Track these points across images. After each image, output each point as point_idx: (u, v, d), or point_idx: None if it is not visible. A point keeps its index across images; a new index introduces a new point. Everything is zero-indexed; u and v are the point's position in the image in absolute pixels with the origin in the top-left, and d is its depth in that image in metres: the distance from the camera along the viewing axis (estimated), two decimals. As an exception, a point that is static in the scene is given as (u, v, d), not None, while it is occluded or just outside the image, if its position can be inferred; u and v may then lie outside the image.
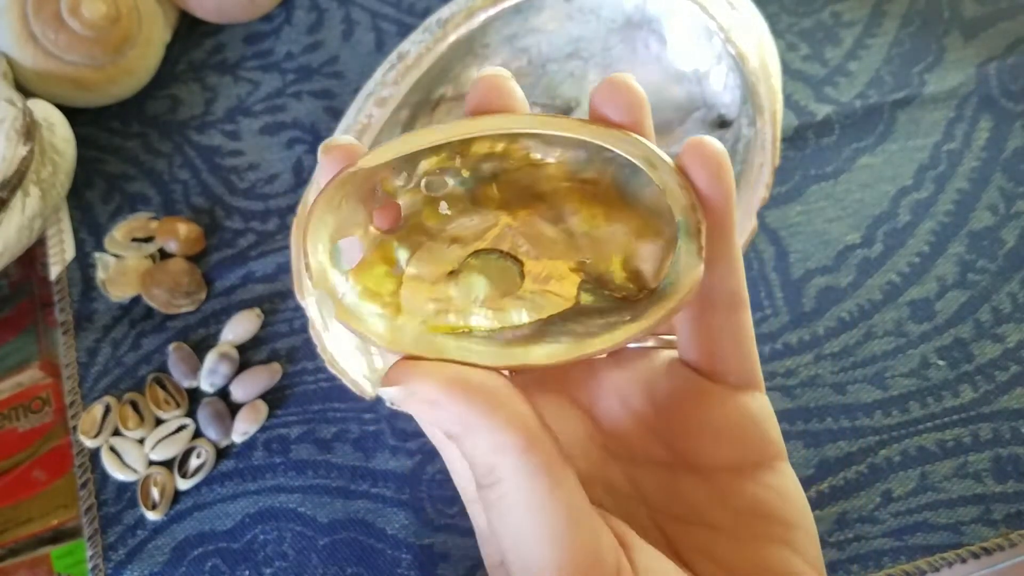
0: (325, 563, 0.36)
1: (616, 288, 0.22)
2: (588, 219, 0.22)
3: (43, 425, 0.39)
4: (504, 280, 0.22)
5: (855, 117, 0.44)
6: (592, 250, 0.22)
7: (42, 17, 0.42)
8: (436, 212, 0.21)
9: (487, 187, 0.22)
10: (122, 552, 0.37)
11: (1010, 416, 0.38)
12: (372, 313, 0.20)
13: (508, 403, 0.18)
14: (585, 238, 0.22)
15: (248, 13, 0.47)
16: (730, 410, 0.21)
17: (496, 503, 0.18)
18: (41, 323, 0.42)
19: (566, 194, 0.22)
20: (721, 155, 0.19)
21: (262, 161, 0.45)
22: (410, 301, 0.21)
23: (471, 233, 0.22)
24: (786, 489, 0.21)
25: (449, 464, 0.21)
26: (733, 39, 0.36)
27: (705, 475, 0.21)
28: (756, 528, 0.21)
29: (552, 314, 0.22)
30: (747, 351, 0.22)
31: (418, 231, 0.22)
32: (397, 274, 0.21)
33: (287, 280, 0.41)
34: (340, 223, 0.20)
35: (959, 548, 0.35)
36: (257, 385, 0.39)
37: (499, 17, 0.38)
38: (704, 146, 0.19)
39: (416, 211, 0.21)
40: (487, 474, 0.18)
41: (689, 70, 0.40)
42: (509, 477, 0.18)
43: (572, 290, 0.22)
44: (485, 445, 0.18)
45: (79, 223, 0.43)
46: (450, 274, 0.22)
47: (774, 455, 0.22)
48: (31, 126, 0.39)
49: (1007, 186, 0.42)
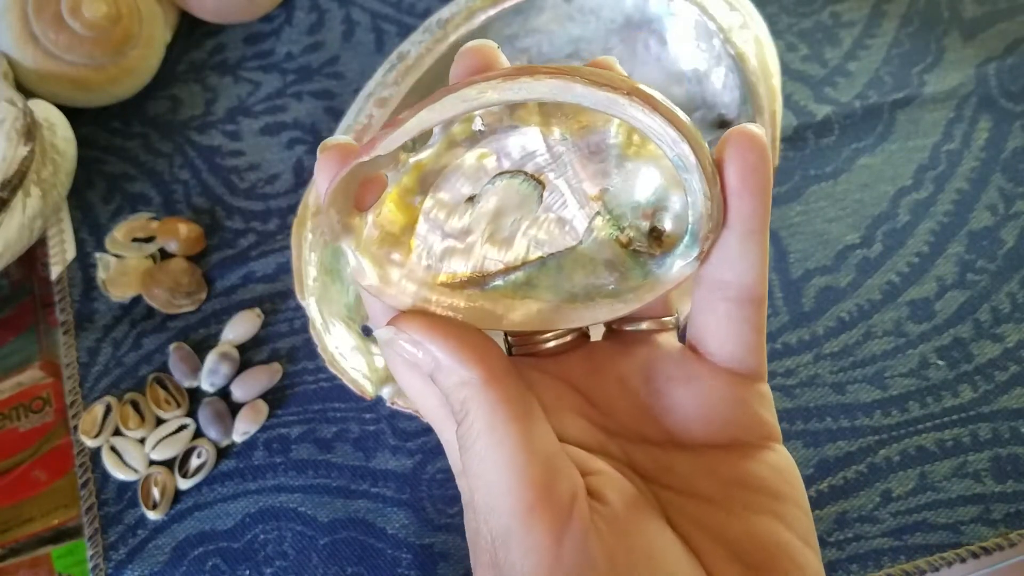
0: (325, 563, 0.36)
1: (630, 225, 0.22)
2: (626, 143, 0.21)
3: (44, 425, 0.40)
4: (521, 207, 0.22)
5: (854, 117, 0.44)
6: (620, 177, 0.22)
7: (43, 18, 0.42)
8: (470, 127, 0.21)
9: None
10: (123, 551, 0.37)
11: (1009, 416, 0.38)
12: (385, 260, 0.22)
13: (476, 343, 0.20)
14: (617, 161, 0.22)
15: (248, 13, 0.47)
16: (724, 395, 0.22)
17: (465, 437, 0.20)
18: (42, 323, 0.42)
19: (607, 117, 0.21)
20: (764, 154, 0.19)
21: (262, 161, 0.45)
22: (422, 239, 0.22)
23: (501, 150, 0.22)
24: (779, 464, 0.22)
25: (444, 440, 0.23)
26: (733, 39, 0.36)
27: (696, 452, 0.22)
28: (748, 500, 0.21)
29: (551, 253, 0.22)
30: (755, 344, 0.22)
31: (446, 152, 0.22)
32: (416, 204, 0.22)
33: (287, 280, 0.42)
34: None
35: (958, 548, 0.35)
36: (257, 385, 0.39)
37: (499, 18, 0.38)
38: (746, 140, 0.20)
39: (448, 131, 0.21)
40: (459, 409, 0.20)
41: (689, 70, 0.40)
42: (473, 409, 0.20)
43: (584, 222, 0.22)
44: (455, 379, 0.20)
45: (80, 223, 0.43)
46: (468, 200, 0.22)
47: (768, 436, 0.22)
48: (32, 126, 0.39)
49: (1006, 186, 0.42)
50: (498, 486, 0.19)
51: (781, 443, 0.23)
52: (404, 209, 0.22)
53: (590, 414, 0.23)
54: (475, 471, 0.20)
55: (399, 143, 0.20)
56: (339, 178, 0.20)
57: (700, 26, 0.38)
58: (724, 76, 0.39)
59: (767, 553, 0.20)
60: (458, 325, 0.21)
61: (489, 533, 0.20)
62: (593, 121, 0.21)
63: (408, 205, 0.22)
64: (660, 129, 0.19)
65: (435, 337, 0.20)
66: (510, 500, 0.19)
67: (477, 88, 0.19)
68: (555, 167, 0.22)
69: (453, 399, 0.20)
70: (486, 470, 0.19)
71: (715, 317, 0.22)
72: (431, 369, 0.21)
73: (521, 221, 0.22)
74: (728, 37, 0.36)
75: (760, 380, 0.23)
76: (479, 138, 0.21)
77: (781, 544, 0.21)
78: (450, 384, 0.20)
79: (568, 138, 0.22)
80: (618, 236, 0.22)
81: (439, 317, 0.21)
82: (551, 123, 0.21)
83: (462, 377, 0.20)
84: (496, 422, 0.19)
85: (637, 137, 0.21)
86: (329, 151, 0.21)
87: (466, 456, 0.20)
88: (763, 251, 0.21)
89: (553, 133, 0.22)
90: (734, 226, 0.20)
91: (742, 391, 0.22)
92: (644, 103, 0.19)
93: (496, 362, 0.20)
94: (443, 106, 0.19)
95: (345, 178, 0.20)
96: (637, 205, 0.22)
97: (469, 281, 0.22)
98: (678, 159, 0.19)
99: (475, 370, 0.20)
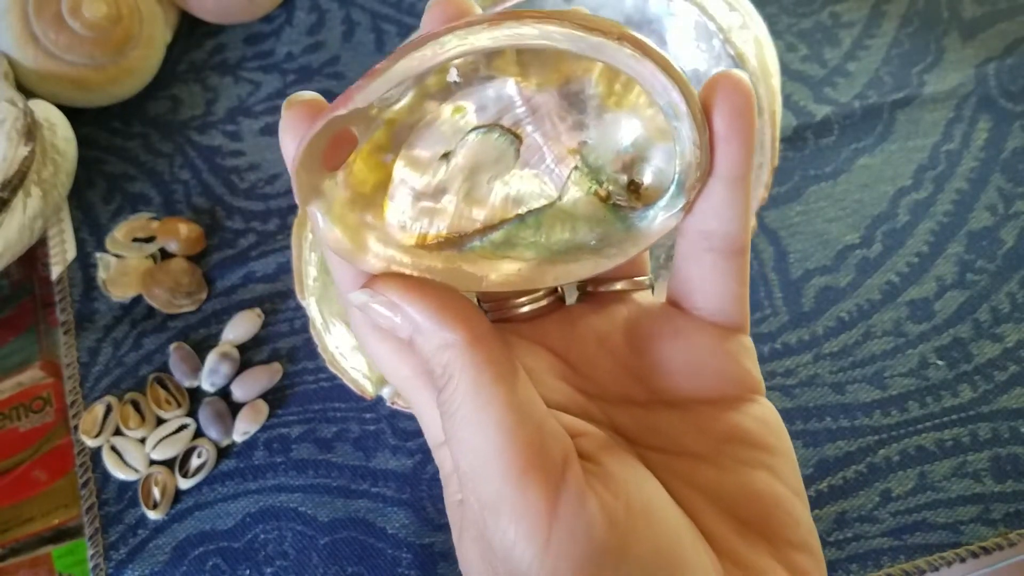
0: (326, 562, 0.36)
1: (608, 179, 0.21)
2: (606, 93, 0.21)
3: (44, 425, 0.40)
4: (498, 162, 0.21)
5: (854, 117, 0.44)
6: (599, 130, 0.21)
7: (43, 18, 0.42)
8: (444, 79, 0.20)
9: (506, 51, 0.20)
10: (123, 551, 0.37)
11: (1009, 416, 0.38)
12: (357, 222, 0.20)
13: (456, 305, 0.20)
14: (596, 113, 0.21)
15: (249, 14, 0.47)
16: (711, 348, 0.22)
17: (448, 403, 0.19)
18: (42, 323, 0.42)
19: (587, 67, 0.21)
20: (748, 98, 0.19)
21: (263, 161, 0.45)
22: (395, 199, 0.21)
23: (476, 102, 0.21)
24: (765, 417, 0.22)
25: (418, 412, 0.22)
26: (732, 40, 0.36)
27: (682, 408, 0.22)
28: (738, 454, 0.21)
29: (530, 210, 0.22)
30: (740, 295, 0.22)
31: (419, 107, 0.20)
32: (388, 162, 0.21)
33: (288, 280, 0.42)
34: None
35: (958, 547, 0.36)
36: (258, 385, 0.39)
37: (499, 18, 0.38)
38: (731, 84, 0.19)
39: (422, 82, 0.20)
40: (441, 375, 0.19)
41: (689, 70, 0.40)
42: (457, 373, 0.19)
43: (562, 177, 0.22)
44: (436, 342, 0.19)
45: (80, 223, 0.43)
46: (443, 157, 0.21)
47: (752, 388, 0.22)
48: (32, 126, 0.39)
49: (1006, 186, 0.42)
50: (486, 450, 0.18)
51: (764, 395, 0.22)
52: (375, 168, 0.21)
53: (570, 377, 0.22)
54: (460, 436, 0.19)
55: (379, 94, 0.18)
56: (311, 134, 0.18)
57: (700, 26, 0.38)
58: (724, 76, 0.39)
59: (762, 507, 0.20)
60: (437, 286, 0.20)
61: (477, 501, 0.19)
62: (573, 71, 0.21)
63: (380, 163, 0.21)
64: (650, 75, 0.18)
65: (414, 299, 0.19)
66: (501, 464, 0.18)
67: (458, 34, 0.18)
68: (532, 120, 0.21)
69: (435, 363, 0.19)
70: (472, 434, 0.19)
71: (700, 269, 0.21)
72: (409, 333, 0.20)
73: (498, 177, 0.21)
74: (728, 37, 0.36)
75: (744, 332, 0.22)
76: (454, 90, 0.20)
77: (775, 497, 0.20)
78: (431, 347, 0.19)
79: (546, 89, 0.21)
80: (597, 190, 0.22)
81: (416, 278, 0.20)
82: (529, 73, 0.21)
83: (444, 339, 0.19)
84: (482, 383, 0.19)
85: (618, 86, 0.21)
86: (296, 107, 0.19)
87: (450, 422, 0.19)
88: (748, 199, 0.20)
89: (531, 84, 0.21)
90: (721, 173, 0.20)
91: (729, 343, 0.22)
92: (635, 47, 0.18)
93: (479, 323, 0.19)
94: (424, 54, 0.18)
95: (316, 135, 0.19)
96: (616, 158, 0.21)
97: (446, 242, 0.21)
98: (668, 106, 0.19)
99: (458, 331, 0.19)
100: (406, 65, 0.18)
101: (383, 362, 0.22)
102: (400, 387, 0.22)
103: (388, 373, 0.22)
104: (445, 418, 0.19)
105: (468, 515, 0.20)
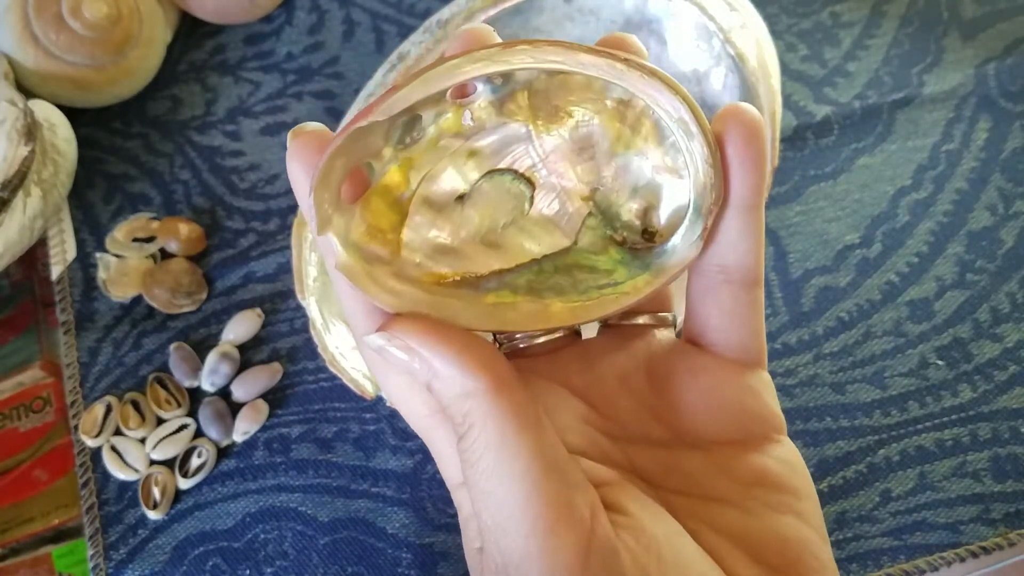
0: (326, 562, 0.36)
1: (622, 226, 0.22)
2: (614, 138, 0.21)
3: (44, 425, 0.40)
4: (512, 208, 0.22)
5: (854, 118, 0.44)
6: (609, 173, 0.21)
7: (43, 18, 0.42)
8: (459, 122, 0.21)
9: (518, 95, 0.21)
10: (123, 551, 0.37)
11: (1009, 416, 0.38)
12: (372, 257, 0.20)
13: (477, 350, 0.19)
14: (606, 158, 0.21)
15: (249, 14, 0.47)
16: (733, 385, 0.21)
17: (470, 452, 0.18)
18: (42, 323, 0.42)
19: (596, 110, 0.21)
20: (759, 127, 0.19)
21: (263, 161, 0.45)
22: (411, 237, 0.21)
23: (490, 147, 0.21)
24: (790, 459, 0.21)
25: (434, 450, 0.21)
26: (732, 40, 0.36)
27: (706, 450, 0.21)
28: (765, 498, 0.20)
29: (547, 255, 0.22)
30: (756, 328, 0.22)
31: (434, 148, 0.21)
32: (404, 200, 0.21)
33: (288, 280, 0.42)
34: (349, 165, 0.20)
35: (958, 547, 0.36)
36: (258, 385, 0.39)
37: (499, 18, 0.38)
38: (742, 114, 0.19)
39: (437, 123, 0.20)
40: (461, 423, 0.19)
41: (689, 70, 0.40)
42: (479, 422, 0.18)
43: (577, 223, 0.22)
44: (456, 389, 0.18)
45: (80, 223, 0.43)
46: (458, 199, 0.21)
47: (776, 427, 0.22)
48: (32, 126, 0.39)
49: (1006, 186, 0.42)
50: (511, 504, 0.18)
51: (787, 434, 0.22)
52: (392, 205, 0.21)
53: (591, 418, 0.21)
54: (482, 488, 0.18)
55: (398, 109, 0.19)
56: (329, 153, 0.19)
57: (700, 26, 0.38)
58: (724, 76, 0.39)
59: (791, 553, 0.20)
60: (456, 330, 0.19)
61: (500, 555, 0.18)
62: (582, 116, 0.21)
63: (396, 201, 0.21)
64: (660, 95, 0.19)
65: (433, 344, 0.19)
66: (527, 520, 0.17)
67: (474, 57, 0.18)
68: (545, 165, 0.21)
69: (454, 411, 0.19)
70: (495, 486, 0.18)
71: (718, 304, 0.21)
72: (428, 378, 0.19)
73: (513, 221, 0.22)
74: (728, 37, 0.36)
75: (763, 367, 0.22)
76: (468, 133, 0.21)
77: (804, 542, 0.20)
78: (451, 394, 0.19)
79: (557, 133, 0.21)
80: (612, 235, 0.22)
81: (435, 321, 0.20)
82: (539, 118, 0.21)
83: (465, 387, 0.18)
84: (506, 434, 0.18)
85: (626, 129, 0.21)
86: (302, 136, 0.19)
87: (471, 471, 0.18)
88: (762, 228, 0.20)
89: (542, 129, 0.21)
90: (735, 202, 0.20)
91: (749, 380, 0.21)
92: (642, 70, 0.19)
93: (501, 368, 0.19)
94: (440, 74, 0.18)
95: (330, 160, 0.19)
96: (628, 201, 0.22)
97: (462, 282, 0.21)
98: (679, 125, 0.19)
99: (480, 378, 0.18)
100: (423, 86, 0.18)
101: (398, 399, 0.21)
102: (415, 425, 0.21)
103: (403, 410, 0.21)
104: (466, 466, 0.19)
105: (488, 565, 0.19)
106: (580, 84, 0.21)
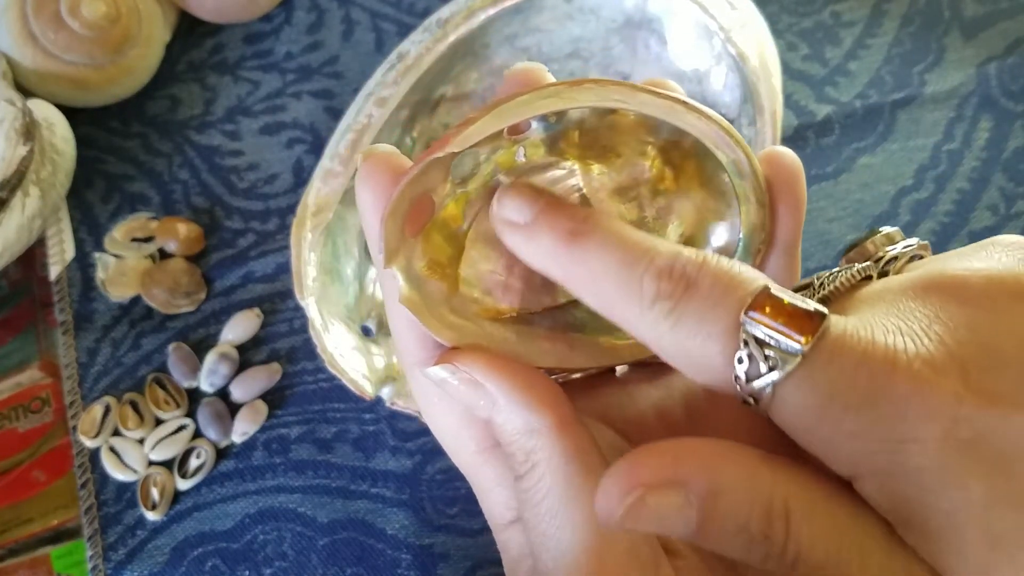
0: (325, 563, 0.36)
1: None
2: (658, 177, 0.22)
3: (43, 425, 0.39)
4: None
5: (855, 117, 0.44)
6: (653, 212, 0.22)
7: (42, 17, 0.42)
8: (512, 158, 0.21)
9: (570, 132, 0.21)
10: (122, 552, 0.37)
11: (1010, 416, 0.38)
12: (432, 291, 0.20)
13: (541, 386, 0.19)
14: (650, 195, 0.22)
15: (248, 13, 0.47)
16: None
17: (533, 492, 0.18)
18: (41, 323, 0.42)
19: (642, 151, 0.21)
20: (800, 171, 0.20)
21: (262, 161, 0.45)
22: (468, 272, 0.21)
23: (540, 184, 0.21)
24: None
25: (479, 487, 0.21)
26: (733, 39, 0.36)
27: None
28: None
29: None
30: None
31: (491, 181, 0.21)
32: (460, 234, 0.21)
33: (287, 280, 0.41)
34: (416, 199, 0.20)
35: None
36: (257, 385, 0.39)
37: (499, 17, 0.38)
38: (784, 158, 0.20)
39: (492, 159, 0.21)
40: (524, 461, 0.18)
41: (689, 70, 0.40)
42: (543, 462, 0.18)
43: None
44: (519, 425, 0.18)
45: (79, 223, 0.43)
46: None
47: None
48: (31, 126, 0.39)
49: (1007, 186, 0.42)
50: (575, 549, 0.17)
51: None
52: (451, 239, 0.21)
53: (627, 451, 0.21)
54: (543, 530, 0.18)
55: (473, 141, 0.19)
56: (404, 184, 0.19)
57: (700, 25, 0.38)
58: (724, 76, 0.39)
59: None
60: (520, 365, 0.19)
61: None
62: (629, 156, 0.21)
63: (453, 234, 0.21)
64: (716, 136, 0.19)
65: (498, 377, 0.18)
66: (592, 564, 0.17)
67: (544, 93, 0.19)
68: (591, 203, 0.22)
69: (516, 448, 0.18)
70: (559, 529, 0.17)
71: None
72: (489, 413, 0.19)
73: None
74: (729, 36, 0.36)
75: None
76: (520, 169, 0.21)
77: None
78: (513, 430, 0.18)
79: (605, 173, 0.22)
80: None
81: (497, 356, 0.19)
82: (587, 156, 0.21)
83: (530, 424, 0.18)
84: (571, 475, 0.17)
85: (669, 170, 0.21)
86: (373, 159, 0.19)
87: (532, 512, 0.18)
88: (798, 268, 0.21)
89: (591, 169, 0.21)
90: (779, 241, 0.20)
91: None
92: (699, 113, 0.19)
93: (565, 407, 0.18)
94: (512, 108, 0.19)
95: (404, 190, 0.19)
96: (671, 236, 0.22)
97: (518, 318, 0.21)
98: (733, 165, 0.20)
99: (546, 416, 0.18)
100: (495, 121, 0.19)
101: (445, 436, 0.21)
102: (460, 460, 0.21)
103: (450, 447, 0.21)
104: (527, 506, 0.18)
105: None
106: (630, 125, 0.21)
